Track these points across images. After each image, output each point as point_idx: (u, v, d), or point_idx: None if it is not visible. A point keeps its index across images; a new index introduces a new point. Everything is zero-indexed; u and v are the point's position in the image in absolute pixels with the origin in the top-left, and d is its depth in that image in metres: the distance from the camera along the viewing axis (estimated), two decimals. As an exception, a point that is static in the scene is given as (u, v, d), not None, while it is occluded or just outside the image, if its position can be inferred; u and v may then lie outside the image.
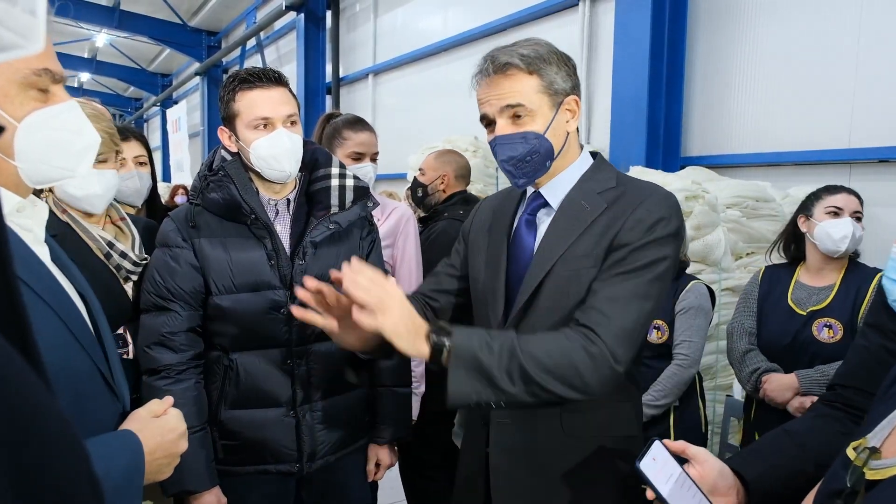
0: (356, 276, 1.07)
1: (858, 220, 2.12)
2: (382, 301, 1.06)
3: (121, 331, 1.57)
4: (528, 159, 1.25)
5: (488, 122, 1.28)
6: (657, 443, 0.98)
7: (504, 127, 1.25)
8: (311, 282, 1.18)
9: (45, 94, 0.85)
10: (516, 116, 1.24)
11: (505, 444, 1.31)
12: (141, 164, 2.13)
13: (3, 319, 0.38)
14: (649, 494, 0.95)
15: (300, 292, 1.18)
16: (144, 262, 1.58)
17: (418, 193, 2.65)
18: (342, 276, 1.07)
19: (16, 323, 0.40)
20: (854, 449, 0.78)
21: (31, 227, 0.91)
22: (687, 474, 0.99)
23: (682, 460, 1.01)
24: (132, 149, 2.10)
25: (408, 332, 1.08)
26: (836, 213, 2.12)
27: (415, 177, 2.71)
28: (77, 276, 0.98)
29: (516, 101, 1.23)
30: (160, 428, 0.93)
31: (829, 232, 2.10)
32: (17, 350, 0.37)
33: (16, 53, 0.40)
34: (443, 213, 2.56)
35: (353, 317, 1.07)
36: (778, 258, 2.34)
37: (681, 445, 1.01)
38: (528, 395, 1.12)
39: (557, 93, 1.24)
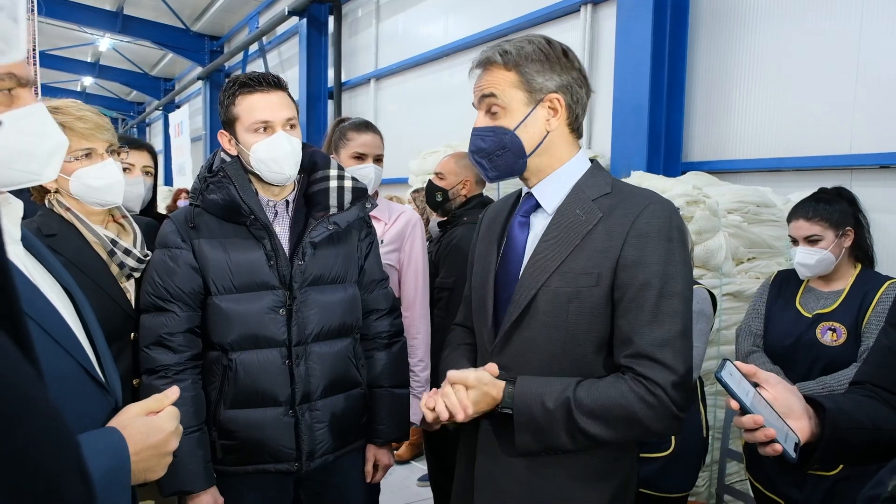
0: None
1: (814, 242, 2.08)
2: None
3: None
4: (497, 153, 1.27)
5: None
6: (728, 362, 0.99)
7: (480, 119, 1.29)
8: None
9: (9, 98, 0.83)
10: (492, 112, 1.26)
11: (493, 450, 1.28)
12: (147, 173, 2.26)
13: None
14: (733, 405, 0.97)
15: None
16: (147, 258, 1.59)
17: (437, 198, 2.56)
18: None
19: (7, 310, 0.39)
20: None
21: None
22: (760, 395, 1.00)
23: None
24: (142, 158, 2.23)
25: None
26: (795, 241, 2.15)
27: (430, 180, 2.62)
28: (63, 274, 0.96)
29: (490, 90, 1.25)
30: (147, 427, 0.91)
31: (793, 261, 2.15)
32: (8, 338, 0.36)
33: None
34: (462, 217, 2.47)
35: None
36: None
37: (752, 368, 1.03)
38: (591, 446, 1.20)
39: (535, 90, 1.23)
